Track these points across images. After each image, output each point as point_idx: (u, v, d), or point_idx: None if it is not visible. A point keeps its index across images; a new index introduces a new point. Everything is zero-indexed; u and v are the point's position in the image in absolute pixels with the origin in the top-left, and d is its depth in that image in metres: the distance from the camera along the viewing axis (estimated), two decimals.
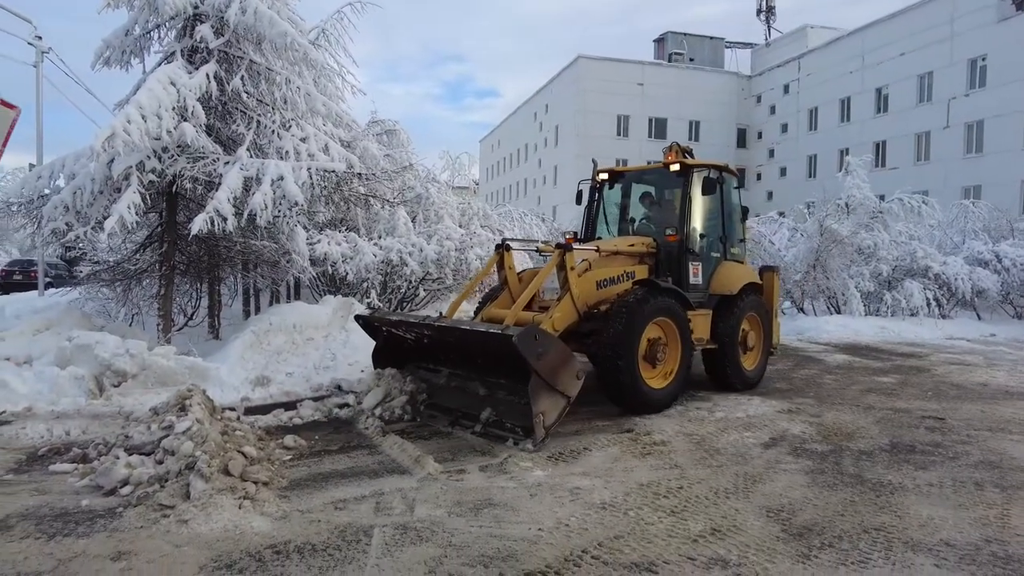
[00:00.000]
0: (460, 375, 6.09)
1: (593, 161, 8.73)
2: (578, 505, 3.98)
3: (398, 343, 6.47)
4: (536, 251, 7.10)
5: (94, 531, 3.48)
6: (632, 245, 7.23)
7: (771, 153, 43.96)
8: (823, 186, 19.75)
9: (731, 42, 49.35)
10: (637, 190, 8.44)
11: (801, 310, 15.67)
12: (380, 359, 6.65)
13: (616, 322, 6.02)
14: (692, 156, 8.07)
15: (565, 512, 3.86)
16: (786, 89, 42.44)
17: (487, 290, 8.15)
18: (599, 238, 8.08)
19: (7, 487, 4.16)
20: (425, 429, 5.73)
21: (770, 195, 43.06)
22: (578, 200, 8.41)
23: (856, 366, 9.83)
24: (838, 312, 15.19)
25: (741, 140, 46.13)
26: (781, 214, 20.83)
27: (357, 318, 6.88)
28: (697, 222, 7.51)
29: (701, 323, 7.19)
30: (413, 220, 11.98)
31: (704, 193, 7.27)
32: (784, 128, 42.68)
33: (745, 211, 8.60)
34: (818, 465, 4.91)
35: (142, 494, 3.88)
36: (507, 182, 57.95)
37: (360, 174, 8.88)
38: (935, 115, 31.63)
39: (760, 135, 45.21)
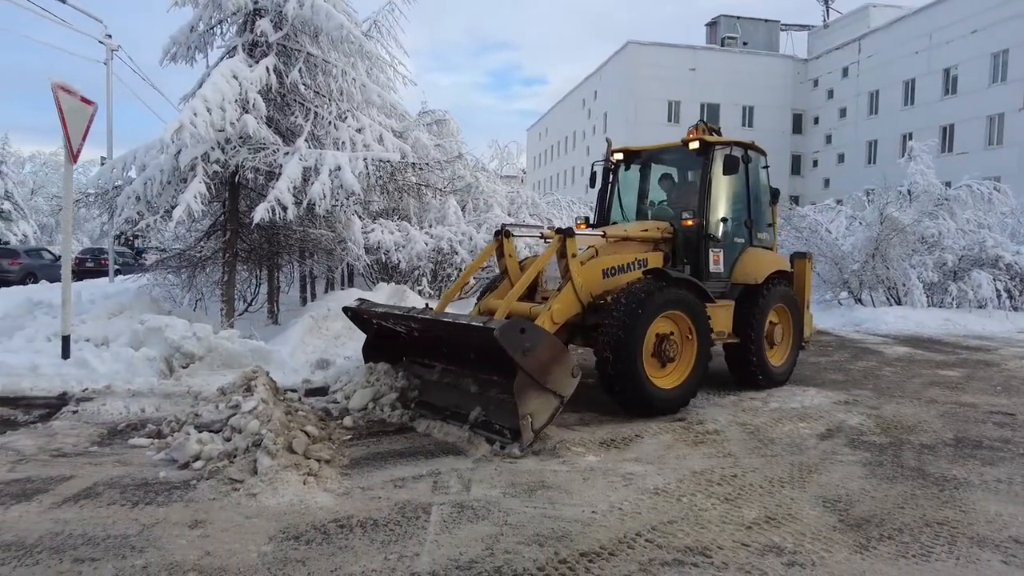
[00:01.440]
0: (454, 371, 5.59)
1: (607, 140, 8.14)
2: (631, 490, 4.02)
3: (391, 336, 6.05)
4: (541, 237, 6.52)
5: (172, 501, 3.70)
6: (645, 230, 6.71)
7: (828, 139, 42.54)
8: (884, 173, 19.04)
9: (787, 24, 47.88)
10: (656, 171, 7.85)
11: (859, 300, 15.21)
12: (371, 353, 6.18)
13: (616, 316, 5.46)
14: (720, 135, 7.50)
15: (618, 496, 3.91)
16: (845, 72, 40.91)
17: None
18: (614, 223, 7.52)
19: (93, 458, 4.45)
20: (401, 434, 5.14)
21: (827, 182, 41.74)
22: (592, 182, 7.87)
23: (918, 359, 9.51)
24: (898, 303, 14.69)
25: (797, 126, 44.78)
26: (838, 202, 20.17)
27: (345, 310, 6.47)
28: (718, 205, 6.92)
29: (722, 315, 6.67)
30: (463, 209, 12.13)
31: (726, 173, 6.59)
32: (842, 113, 41.21)
33: (775, 193, 7.95)
34: (877, 457, 4.81)
35: (213, 468, 4.08)
36: (555, 170, 57.74)
37: (413, 164, 9.04)
38: (1010, 96, 30.03)
39: (817, 120, 43.78)
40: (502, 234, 6.52)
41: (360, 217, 9.45)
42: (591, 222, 7.57)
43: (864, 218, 15.45)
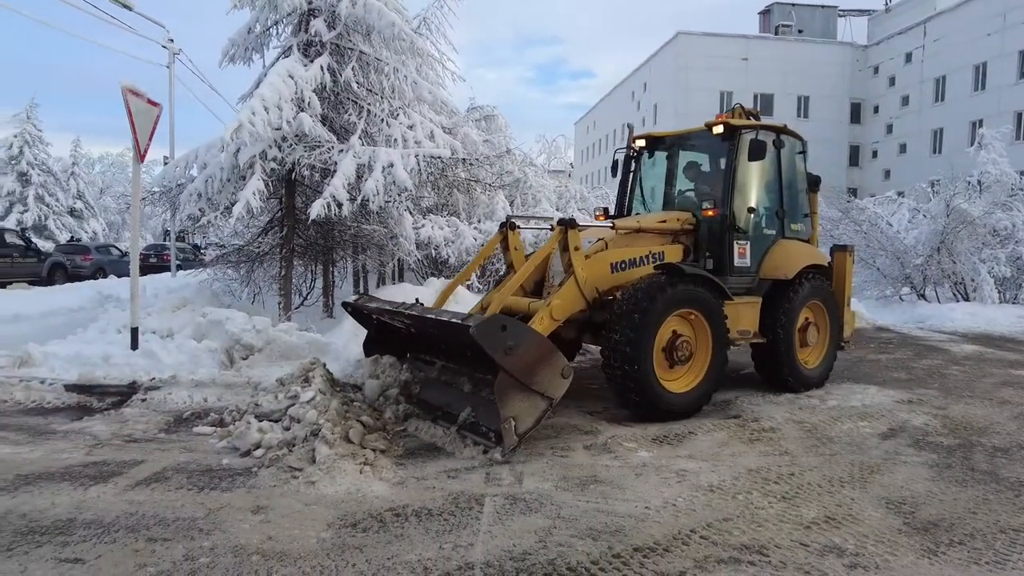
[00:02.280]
0: (452, 368, 5.34)
1: (628, 126, 7.71)
2: (685, 486, 3.97)
3: (392, 332, 5.86)
4: (551, 230, 6.13)
5: (235, 487, 3.85)
6: (663, 222, 6.32)
7: (889, 128, 40.84)
8: (950, 162, 18.19)
9: (844, 10, 46.12)
10: (683, 159, 7.32)
11: (922, 296, 14.59)
12: (372, 349, 6.03)
13: (624, 314, 5.15)
14: (758, 119, 7.06)
15: (672, 492, 3.87)
16: (908, 58, 39.17)
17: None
18: (637, 215, 7.15)
19: (161, 444, 4.66)
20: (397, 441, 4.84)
21: (887, 174, 40.12)
22: (613, 171, 7.47)
23: (988, 357, 9.07)
24: (966, 299, 14.03)
25: (855, 115, 43.14)
26: (900, 194, 19.37)
27: (344, 305, 6.32)
28: (745, 193, 6.41)
29: (747, 313, 6.24)
30: (511, 204, 12.15)
31: (752, 158, 6.09)
32: (905, 101, 39.49)
33: (815, 180, 7.43)
34: (944, 459, 4.62)
35: (273, 457, 4.22)
36: (603, 164, 57.14)
37: (463, 159, 9.10)
38: None
39: (876, 109, 42.09)
40: (507, 226, 6.26)
41: (411, 213, 9.58)
42: (611, 214, 7.28)
43: (929, 210, 14.80)
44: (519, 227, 6.40)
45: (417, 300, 5.77)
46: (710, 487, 3.98)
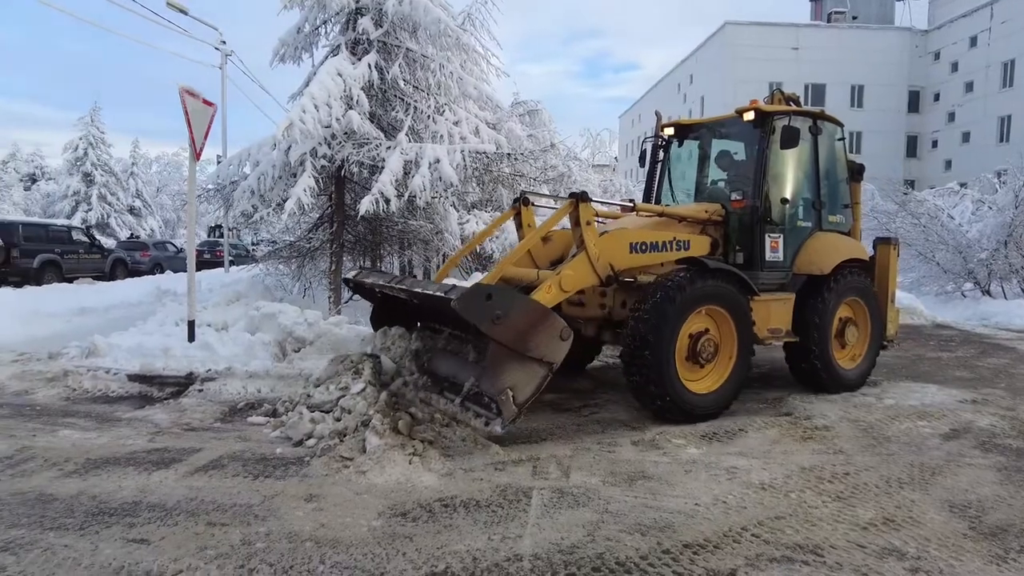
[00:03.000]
0: (458, 336, 5.23)
1: (656, 113, 7.37)
2: (735, 484, 3.90)
3: (399, 303, 5.70)
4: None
5: (288, 475, 3.95)
6: (694, 211, 6.06)
7: (951, 117, 39.12)
8: (1020, 151, 17.28)
9: None
10: (715, 148, 7.01)
11: (987, 292, 13.94)
12: (380, 321, 6.00)
13: (644, 313, 4.95)
14: (798, 104, 6.72)
15: (722, 489, 3.80)
16: (973, 42, 37.39)
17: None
18: (666, 207, 6.78)
19: (218, 433, 4.83)
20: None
21: (948, 164, 38.45)
22: (641, 161, 7.24)
23: None
24: None
25: (913, 104, 41.46)
26: (963, 185, 18.54)
27: (345, 281, 6.23)
28: (778, 183, 6.09)
29: (778, 311, 5.95)
30: (555, 199, 12.09)
31: (784, 146, 5.77)
32: (969, 87, 37.73)
33: (857, 169, 7.05)
34: (1014, 462, 4.41)
35: (325, 446, 4.32)
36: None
37: (508, 154, 9.11)
38: None
39: (937, 97, 40.36)
40: (520, 202, 6.05)
41: (456, 208, 9.65)
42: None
43: (995, 202, 14.13)
44: (533, 204, 6.19)
45: (410, 272, 5.55)
46: (761, 485, 3.90)
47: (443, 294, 4.26)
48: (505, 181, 10.84)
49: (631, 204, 5.89)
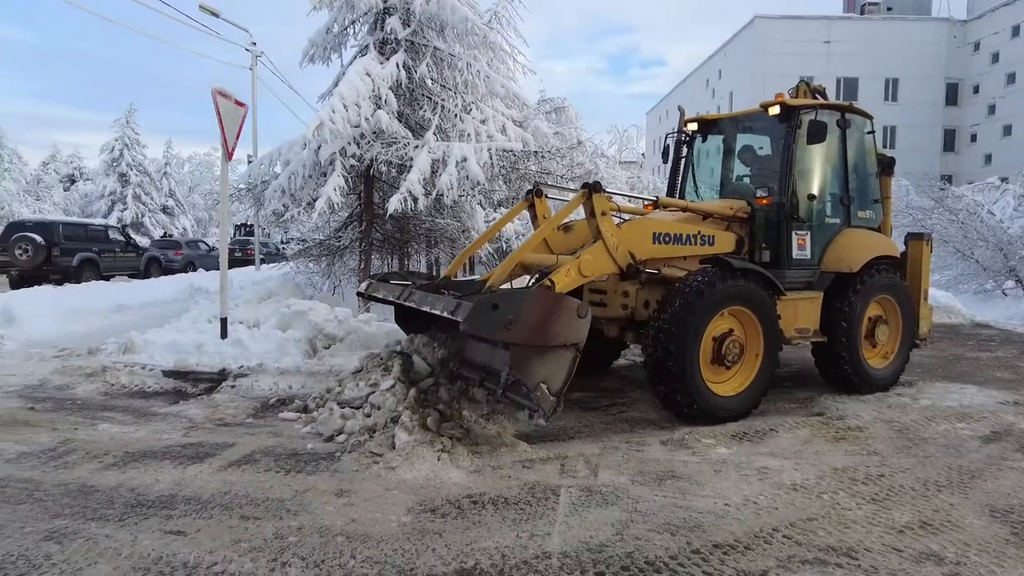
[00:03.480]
0: None
1: (680, 108, 7.23)
2: (766, 484, 3.85)
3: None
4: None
5: (319, 470, 4.01)
6: (719, 207, 5.96)
7: (991, 109, 38.02)
8: None
9: None
10: (739, 143, 6.84)
11: None
12: (402, 321, 6.05)
13: (668, 314, 4.87)
14: (825, 97, 6.56)
15: (752, 490, 3.76)
16: (1016, 31, 36.28)
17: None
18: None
19: (251, 429, 4.92)
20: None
21: (988, 158, 37.40)
22: (664, 157, 7.09)
23: None
24: None
25: (951, 96, 40.35)
26: (1003, 180, 18.00)
27: (359, 294, 6.22)
28: (805, 179, 5.97)
29: (806, 310, 5.84)
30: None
31: (811, 141, 5.64)
32: (1011, 78, 36.63)
33: (888, 163, 6.86)
34: None
35: (355, 442, 4.37)
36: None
37: (535, 152, 9.10)
38: None
39: (977, 89, 39.25)
40: (533, 193, 5.93)
41: (483, 206, 9.67)
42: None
43: None
44: (547, 195, 6.09)
45: (413, 283, 5.50)
46: (793, 485, 3.84)
47: (449, 315, 4.23)
48: (532, 179, 10.83)
49: (654, 199, 5.80)
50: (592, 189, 5.03)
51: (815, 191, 6.03)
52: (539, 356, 4.14)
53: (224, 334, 7.41)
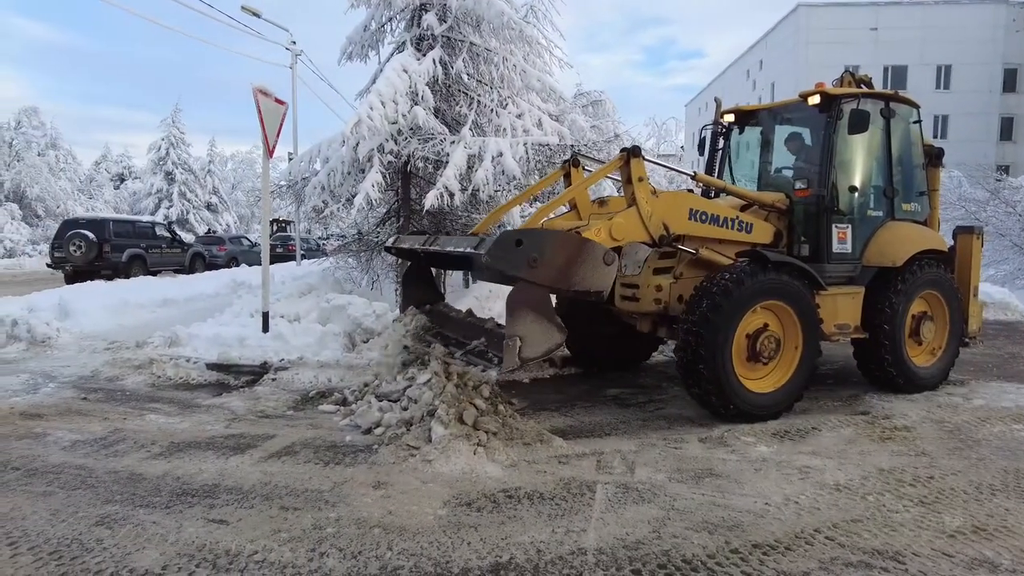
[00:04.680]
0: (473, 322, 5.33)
1: (716, 100, 7.05)
2: (808, 484, 3.76)
3: (438, 258, 5.81)
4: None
5: (357, 462, 4.06)
6: (758, 196, 5.87)
7: None
8: None
9: None
10: (780, 134, 6.66)
11: None
12: (410, 281, 6.31)
13: (700, 307, 4.77)
14: (870, 87, 6.26)
15: (794, 489, 3.67)
16: None
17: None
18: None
19: (291, 421, 5.01)
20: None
21: None
22: (700, 149, 7.00)
23: None
24: None
25: (1009, 83, 38.58)
26: None
27: (387, 249, 6.49)
28: (846, 170, 5.79)
29: (846, 305, 5.66)
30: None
31: (852, 131, 5.47)
32: None
33: (936, 153, 6.62)
34: None
35: (392, 435, 4.41)
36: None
37: (571, 146, 9.03)
38: None
39: None
40: (570, 163, 5.85)
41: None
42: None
43: None
44: (583, 166, 5.96)
45: (429, 236, 5.56)
46: (836, 486, 3.74)
47: (473, 249, 4.15)
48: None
49: (692, 174, 5.74)
50: (631, 153, 4.93)
51: (857, 183, 5.85)
52: (534, 316, 3.99)
53: (266, 328, 7.56)
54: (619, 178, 5.23)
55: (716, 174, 6.94)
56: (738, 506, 3.44)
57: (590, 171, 6.05)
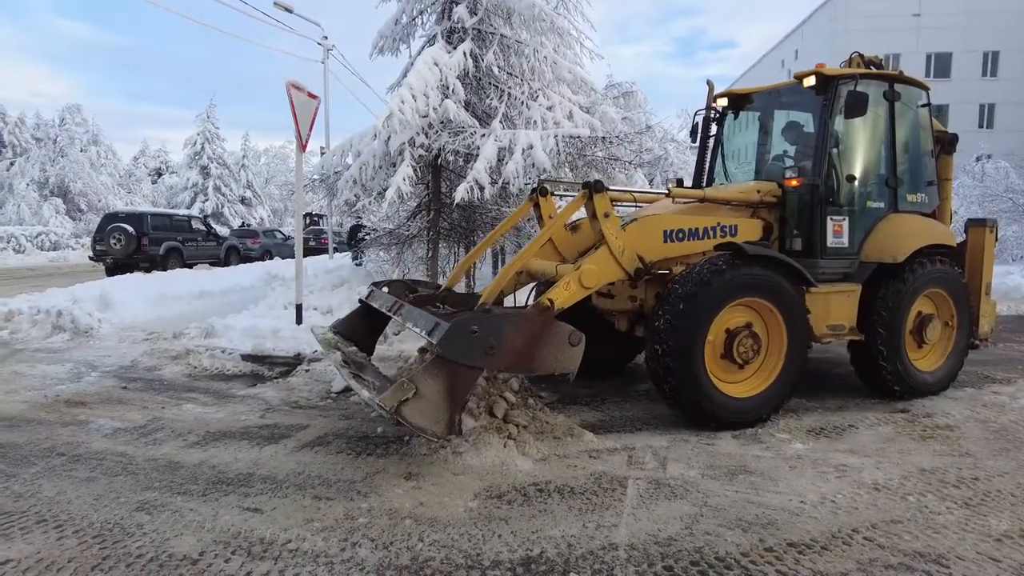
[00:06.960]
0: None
1: (708, 83, 6.52)
2: (845, 483, 3.67)
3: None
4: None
5: (388, 453, 4.09)
6: (743, 192, 5.42)
7: None
8: None
9: None
10: (779, 119, 6.28)
11: None
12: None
13: (669, 304, 4.43)
14: (880, 68, 5.91)
15: (830, 488, 3.59)
16: None
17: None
18: (721, 186, 6.22)
19: (324, 411, 5.08)
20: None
21: None
22: (693, 136, 6.58)
23: None
24: None
25: None
26: None
27: (360, 300, 5.82)
28: (844, 158, 5.38)
29: (840, 304, 5.24)
30: (651, 182, 11.81)
31: (849, 115, 5.11)
32: None
33: (949, 140, 6.21)
34: None
35: None
36: (750, 139, 53.98)
37: (602, 138, 8.96)
38: None
39: None
40: (538, 192, 5.52)
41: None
42: (686, 186, 6.07)
43: None
44: (552, 192, 5.61)
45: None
46: (875, 485, 3.65)
47: (427, 335, 3.86)
48: (599, 165, 10.66)
49: (666, 192, 5.27)
50: (593, 189, 4.62)
51: (855, 171, 5.45)
52: (444, 392, 3.58)
53: (299, 320, 7.67)
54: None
55: (709, 162, 6.57)
56: (773, 504, 3.38)
57: (560, 197, 5.76)
